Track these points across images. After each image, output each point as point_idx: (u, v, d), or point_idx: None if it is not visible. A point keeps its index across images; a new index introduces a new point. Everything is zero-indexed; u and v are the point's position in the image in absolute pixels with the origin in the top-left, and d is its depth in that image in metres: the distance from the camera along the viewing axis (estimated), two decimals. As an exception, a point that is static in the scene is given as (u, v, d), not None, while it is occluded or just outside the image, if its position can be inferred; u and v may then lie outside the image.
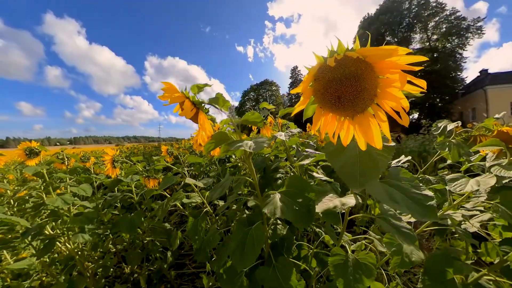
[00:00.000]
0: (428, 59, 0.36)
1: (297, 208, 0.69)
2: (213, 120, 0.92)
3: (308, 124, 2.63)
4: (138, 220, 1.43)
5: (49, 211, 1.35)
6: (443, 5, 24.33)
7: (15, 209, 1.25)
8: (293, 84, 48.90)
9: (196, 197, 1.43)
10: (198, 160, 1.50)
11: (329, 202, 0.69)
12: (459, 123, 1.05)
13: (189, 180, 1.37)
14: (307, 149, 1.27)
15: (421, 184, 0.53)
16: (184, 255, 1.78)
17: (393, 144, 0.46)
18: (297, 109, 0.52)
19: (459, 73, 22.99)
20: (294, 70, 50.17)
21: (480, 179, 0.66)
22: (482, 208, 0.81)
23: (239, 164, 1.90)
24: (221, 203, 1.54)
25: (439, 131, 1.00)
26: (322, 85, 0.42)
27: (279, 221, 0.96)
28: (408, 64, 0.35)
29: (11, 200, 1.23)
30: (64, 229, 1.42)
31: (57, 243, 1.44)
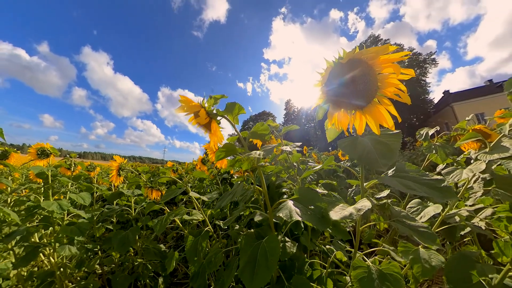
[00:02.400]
0: (410, 52, 0.43)
1: (311, 214, 0.64)
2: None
3: (305, 147, 2.78)
4: (132, 237, 1.31)
5: (42, 216, 1.25)
6: (402, 45, 30.99)
7: (9, 208, 1.16)
8: (287, 115, 54.37)
9: (197, 214, 1.33)
10: (202, 175, 1.45)
11: (343, 210, 0.64)
12: (438, 128, 1.17)
13: (193, 194, 1.30)
14: (309, 163, 1.24)
15: (427, 173, 0.53)
16: (177, 284, 1.55)
17: (399, 130, 0.50)
18: (317, 102, 0.54)
19: (427, 96, 27.73)
20: (288, 102, 55.94)
21: (472, 167, 0.70)
22: (482, 205, 0.82)
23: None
24: (222, 224, 1.42)
25: (423, 137, 1.09)
26: (335, 85, 0.48)
27: (287, 239, 0.87)
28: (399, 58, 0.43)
29: (9, 199, 1.16)
30: (52, 239, 1.29)
31: (41, 254, 1.29)
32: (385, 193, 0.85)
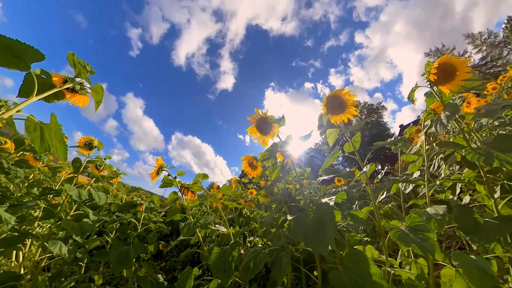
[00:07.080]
0: (351, 89, 0.84)
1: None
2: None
3: (305, 180, 2.77)
4: (134, 254, 1.08)
5: (47, 205, 1.03)
6: (358, 101, 44.27)
7: (26, 184, 0.96)
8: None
9: (221, 227, 1.20)
10: (229, 191, 1.42)
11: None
12: (396, 133, 1.65)
13: (227, 202, 1.24)
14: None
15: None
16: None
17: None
18: (324, 110, 0.93)
19: (389, 131, 34.93)
20: (279, 151, 60.91)
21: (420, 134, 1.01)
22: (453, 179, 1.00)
23: (250, 216, 1.84)
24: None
25: (391, 143, 1.47)
26: (329, 105, 0.91)
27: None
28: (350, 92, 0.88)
29: (31, 175, 0.98)
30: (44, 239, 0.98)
31: (20, 252, 0.94)
32: (384, 195, 1.03)
